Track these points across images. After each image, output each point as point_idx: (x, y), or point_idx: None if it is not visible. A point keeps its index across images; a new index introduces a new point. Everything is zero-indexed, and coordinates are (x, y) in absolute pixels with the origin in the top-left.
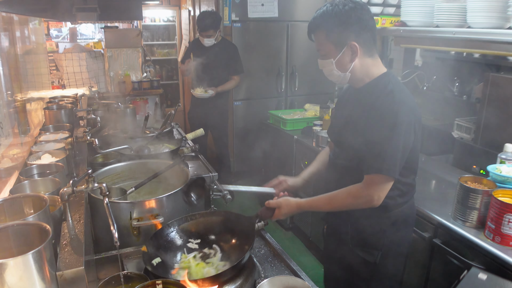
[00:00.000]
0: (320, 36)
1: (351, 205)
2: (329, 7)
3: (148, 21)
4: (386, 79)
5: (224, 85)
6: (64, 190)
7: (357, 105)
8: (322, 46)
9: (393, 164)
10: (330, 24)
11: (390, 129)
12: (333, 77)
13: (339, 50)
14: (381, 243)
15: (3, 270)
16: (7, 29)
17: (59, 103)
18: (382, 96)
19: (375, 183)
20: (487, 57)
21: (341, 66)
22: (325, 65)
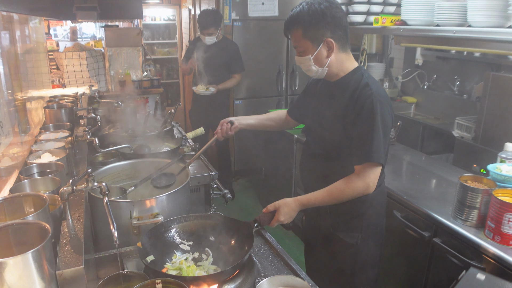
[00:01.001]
0: (297, 34)
1: (350, 195)
2: (305, 6)
3: (149, 20)
4: (359, 72)
5: (225, 83)
6: (64, 189)
7: (332, 97)
8: (300, 43)
9: (380, 151)
10: (307, 22)
11: (372, 119)
12: (311, 72)
13: (316, 46)
14: (361, 225)
15: (2, 269)
16: (7, 28)
17: (59, 102)
18: (359, 89)
19: (368, 171)
20: (488, 56)
21: (318, 61)
22: (303, 61)
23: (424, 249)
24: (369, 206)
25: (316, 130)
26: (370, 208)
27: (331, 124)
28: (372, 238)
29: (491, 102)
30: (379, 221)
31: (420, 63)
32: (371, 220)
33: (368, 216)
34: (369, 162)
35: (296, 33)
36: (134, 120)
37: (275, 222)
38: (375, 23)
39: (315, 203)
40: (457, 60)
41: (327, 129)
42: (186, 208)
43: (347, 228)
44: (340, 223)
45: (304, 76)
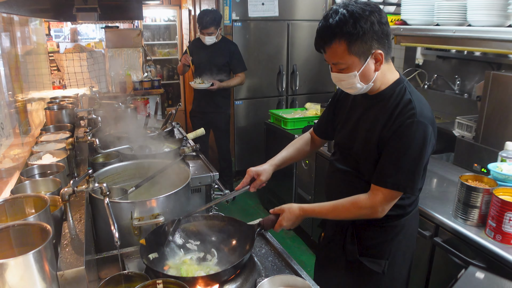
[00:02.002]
0: (339, 48)
1: (354, 216)
2: (345, 14)
3: (149, 20)
4: (401, 86)
5: (229, 81)
6: (64, 190)
7: (370, 112)
8: (343, 59)
9: (413, 182)
10: (353, 34)
11: (411, 144)
12: (354, 89)
13: (363, 61)
14: (389, 251)
15: (4, 270)
16: (8, 30)
17: (60, 103)
18: (401, 106)
19: (383, 196)
20: (488, 55)
21: (365, 77)
22: (345, 78)
23: (425, 248)
24: (399, 231)
25: (347, 147)
26: (401, 234)
27: (366, 140)
28: (399, 265)
29: (492, 101)
30: (409, 247)
31: (421, 63)
32: (400, 246)
33: (397, 242)
34: (386, 188)
35: (338, 48)
36: (135, 121)
37: (278, 227)
38: None
39: (318, 215)
40: (458, 59)
41: (360, 146)
42: (187, 209)
43: (373, 254)
44: (366, 248)
45: (304, 76)
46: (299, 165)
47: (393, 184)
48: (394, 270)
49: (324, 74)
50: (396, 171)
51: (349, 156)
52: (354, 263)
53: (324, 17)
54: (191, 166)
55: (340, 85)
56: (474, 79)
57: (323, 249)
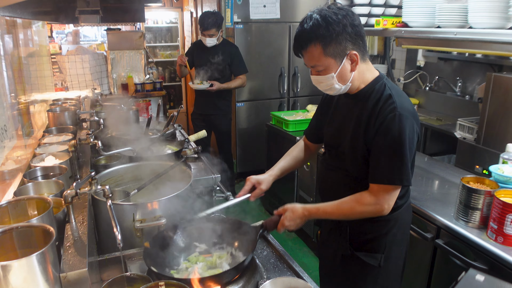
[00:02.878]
0: (315, 51)
1: (360, 213)
2: (318, 19)
3: (151, 23)
4: (380, 83)
5: (230, 83)
6: (67, 192)
7: (352, 111)
8: (320, 62)
9: (406, 173)
10: (327, 37)
11: (393, 137)
12: (332, 90)
13: (339, 62)
14: (384, 245)
15: (7, 271)
16: (11, 32)
17: (62, 105)
18: (381, 102)
19: (385, 192)
20: (489, 57)
21: (342, 78)
22: (323, 80)
23: (427, 251)
24: (393, 225)
25: (335, 146)
26: (395, 227)
27: (352, 139)
28: (395, 258)
29: (493, 103)
30: (403, 239)
31: (422, 65)
32: (395, 239)
33: (392, 235)
34: (384, 184)
35: (314, 51)
36: (137, 123)
37: (281, 227)
38: (376, 25)
39: (322, 215)
40: (459, 61)
41: (347, 145)
42: (189, 211)
43: (369, 249)
44: (361, 243)
45: (306, 79)
46: (301, 167)
47: (389, 179)
48: (390, 263)
49: None
50: (389, 166)
51: (337, 155)
52: (351, 258)
53: (300, 23)
54: (193, 168)
55: (320, 87)
56: (475, 81)
57: (321, 246)
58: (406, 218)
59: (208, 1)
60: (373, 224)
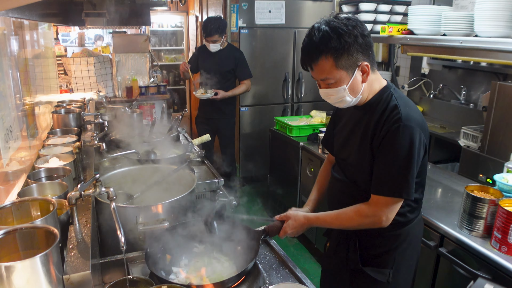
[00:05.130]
0: (326, 64)
1: (358, 224)
2: (328, 30)
3: (156, 26)
4: (387, 93)
5: (234, 90)
6: (71, 194)
7: (359, 122)
8: (331, 75)
9: (407, 186)
10: (338, 48)
11: (401, 150)
12: (343, 103)
13: (351, 74)
14: (392, 260)
15: (11, 273)
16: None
17: (67, 107)
18: (387, 112)
19: (384, 204)
20: (494, 65)
21: (353, 90)
22: (334, 93)
23: (430, 259)
24: (403, 240)
25: (343, 157)
26: (405, 242)
27: (359, 150)
28: (404, 274)
29: (498, 112)
30: (413, 254)
31: (427, 72)
32: (405, 254)
33: (401, 251)
34: (384, 196)
35: (325, 63)
36: (141, 126)
37: (283, 233)
38: (381, 32)
39: (322, 224)
40: (464, 69)
41: (354, 156)
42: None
43: (377, 264)
44: (370, 258)
45: (310, 84)
46: (304, 172)
47: (389, 191)
48: (398, 279)
49: None
50: (389, 178)
51: (346, 167)
52: (358, 273)
53: (307, 35)
54: (196, 172)
55: (329, 100)
56: (480, 89)
57: (328, 258)
58: (417, 233)
59: (213, 6)
60: (383, 238)
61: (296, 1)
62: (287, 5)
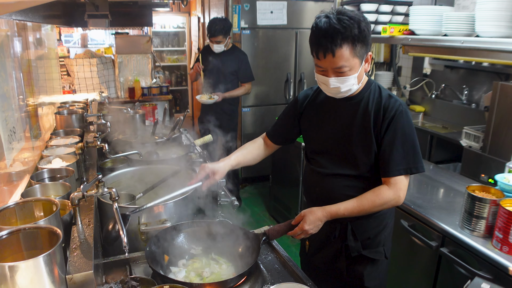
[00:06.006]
0: (346, 51)
1: (380, 207)
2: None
3: (158, 27)
4: (373, 84)
5: (232, 92)
6: (74, 194)
7: (353, 113)
8: (348, 62)
9: (421, 161)
10: (359, 37)
11: (408, 130)
12: (348, 92)
13: (361, 63)
14: (383, 238)
15: (14, 272)
16: (21, 35)
17: (70, 108)
18: (384, 101)
19: (402, 183)
20: (496, 65)
21: (359, 79)
22: (346, 81)
23: (432, 259)
24: (389, 216)
25: (333, 150)
26: (390, 218)
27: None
28: (389, 247)
29: (500, 112)
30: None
31: (428, 72)
32: (389, 229)
33: (388, 227)
34: (401, 175)
35: (345, 51)
36: (143, 127)
37: (300, 232)
38: (383, 33)
39: (344, 213)
40: (466, 69)
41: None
42: (193, 215)
43: (372, 245)
44: (366, 241)
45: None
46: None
47: (406, 170)
48: (388, 253)
49: None
50: (403, 157)
51: (337, 159)
52: (354, 259)
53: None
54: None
55: (336, 89)
56: (482, 89)
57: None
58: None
59: (215, 7)
60: (374, 220)
61: (298, 2)
62: (288, 6)
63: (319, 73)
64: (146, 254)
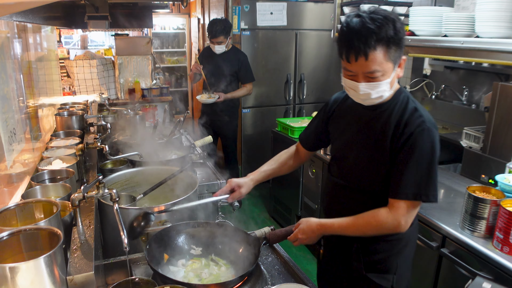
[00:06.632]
0: (380, 53)
1: (376, 229)
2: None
3: (158, 28)
4: (403, 94)
5: (234, 92)
6: (75, 195)
7: (372, 122)
8: (381, 66)
9: (433, 189)
10: (395, 39)
11: (426, 152)
12: (379, 99)
13: (394, 67)
14: (395, 265)
15: (15, 274)
16: (21, 36)
17: (70, 109)
18: (407, 114)
19: (406, 208)
20: (496, 66)
21: (391, 85)
22: (378, 87)
23: (432, 259)
24: (405, 244)
25: (348, 159)
26: (408, 246)
27: (375, 152)
28: (405, 278)
29: (500, 112)
30: (411, 256)
31: (428, 73)
32: (406, 257)
33: (403, 255)
34: (408, 200)
35: (378, 54)
36: (143, 128)
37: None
38: None
39: (337, 230)
40: (466, 70)
41: (367, 158)
42: (194, 216)
43: (380, 269)
44: (371, 263)
45: (312, 85)
46: (306, 173)
47: (415, 195)
48: (401, 284)
49: (331, 83)
50: (415, 181)
51: (351, 170)
52: (360, 280)
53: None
54: (199, 173)
55: (367, 96)
56: (482, 90)
57: (324, 266)
58: (415, 235)
59: (215, 8)
60: (385, 243)
61: (298, 3)
62: (288, 7)
63: (347, 78)
64: (146, 251)
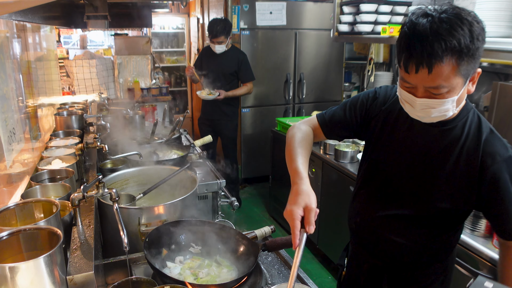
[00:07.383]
0: (448, 66)
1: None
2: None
3: (157, 28)
4: (472, 111)
5: (235, 90)
6: (75, 195)
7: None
8: (448, 81)
9: None
10: (469, 49)
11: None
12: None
13: (464, 83)
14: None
15: (15, 273)
16: (20, 36)
17: (70, 109)
18: (483, 136)
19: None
20: (496, 65)
21: (459, 102)
22: (440, 105)
23: None
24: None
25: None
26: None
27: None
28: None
29: (499, 112)
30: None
31: None
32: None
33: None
34: None
35: (446, 67)
36: (143, 128)
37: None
38: (383, 33)
39: None
40: None
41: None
42: (194, 215)
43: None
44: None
45: (311, 85)
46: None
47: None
48: None
49: (331, 83)
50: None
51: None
52: None
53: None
54: (198, 173)
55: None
56: (481, 89)
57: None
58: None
59: (215, 8)
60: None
61: (297, 3)
62: (288, 7)
63: (404, 89)
64: (144, 245)
